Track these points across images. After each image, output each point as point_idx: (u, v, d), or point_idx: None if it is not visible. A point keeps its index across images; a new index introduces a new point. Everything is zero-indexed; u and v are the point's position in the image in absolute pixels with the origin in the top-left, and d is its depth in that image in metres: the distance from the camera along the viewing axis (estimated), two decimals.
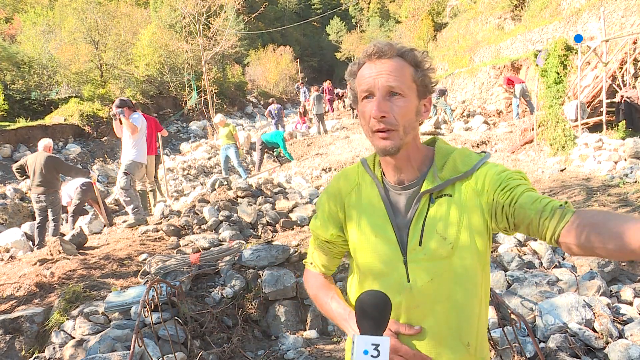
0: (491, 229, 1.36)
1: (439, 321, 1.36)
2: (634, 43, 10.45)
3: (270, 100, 20.13)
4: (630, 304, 4.21)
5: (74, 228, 7.88)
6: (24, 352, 4.16)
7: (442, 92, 16.23)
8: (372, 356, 1.14)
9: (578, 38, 9.93)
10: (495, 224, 1.32)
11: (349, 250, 1.54)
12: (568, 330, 3.61)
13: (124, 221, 7.69)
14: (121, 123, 7.07)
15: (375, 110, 1.29)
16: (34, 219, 8.93)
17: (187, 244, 5.76)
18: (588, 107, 10.42)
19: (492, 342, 3.52)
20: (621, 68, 10.46)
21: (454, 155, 1.39)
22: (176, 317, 3.96)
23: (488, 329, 3.52)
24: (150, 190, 9.01)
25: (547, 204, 1.19)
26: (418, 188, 1.38)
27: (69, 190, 8.38)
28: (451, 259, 1.33)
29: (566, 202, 1.18)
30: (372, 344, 1.15)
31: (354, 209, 1.46)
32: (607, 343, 3.46)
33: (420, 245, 1.34)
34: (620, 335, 3.56)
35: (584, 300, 3.85)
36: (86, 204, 8.90)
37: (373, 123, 1.31)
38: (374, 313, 1.18)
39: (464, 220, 1.33)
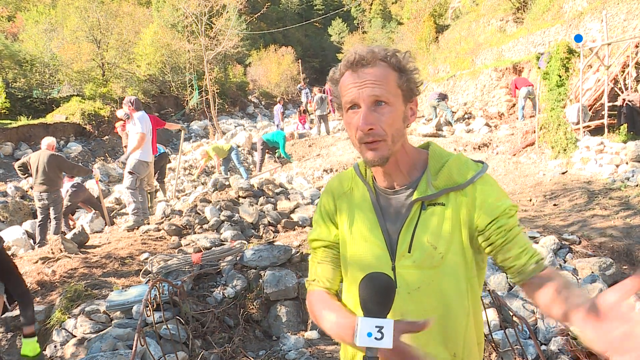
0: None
1: (426, 330, 1.33)
2: (636, 46, 10.45)
3: (278, 100, 20.23)
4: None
5: (71, 228, 7.89)
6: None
7: (443, 97, 16.23)
8: (375, 338, 1.13)
9: (578, 38, 9.94)
10: (476, 243, 1.34)
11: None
12: (569, 333, 3.60)
13: (126, 221, 7.69)
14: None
15: (362, 123, 1.25)
16: (34, 217, 8.94)
17: (189, 244, 5.77)
18: (590, 110, 10.42)
19: (493, 344, 3.52)
20: (623, 71, 10.47)
21: (449, 163, 1.35)
22: (178, 317, 3.97)
23: (490, 331, 3.53)
24: (149, 192, 8.94)
25: (526, 263, 1.28)
26: (410, 193, 1.36)
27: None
28: (440, 268, 1.32)
29: (542, 259, 1.29)
30: (376, 326, 1.14)
31: (345, 213, 1.45)
32: None
33: (409, 252, 1.32)
34: None
35: None
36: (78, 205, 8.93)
37: (360, 135, 1.27)
38: (378, 295, 1.16)
39: (456, 231, 1.32)
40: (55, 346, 3.91)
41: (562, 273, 1.14)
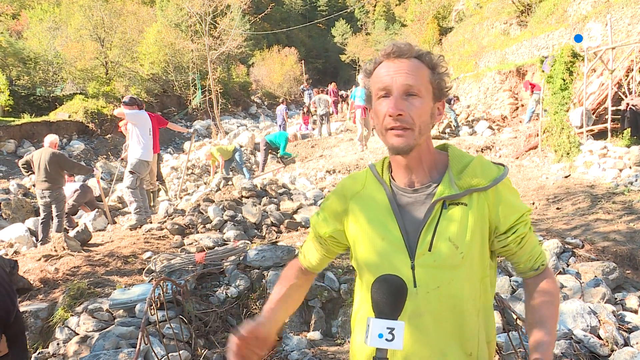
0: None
1: (443, 330, 1.35)
2: None
3: (281, 101, 20.24)
4: (636, 312, 4.20)
5: (75, 226, 7.90)
6: (27, 347, 4.17)
7: (449, 100, 16.14)
8: (386, 340, 1.15)
9: (578, 38, 9.95)
10: (491, 244, 1.41)
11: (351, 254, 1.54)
12: (573, 336, 3.60)
13: (128, 219, 7.70)
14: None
15: (392, 108, 1.27)
16: (37, 214, 8.95)
17: (192, 243, 5.77)
18: (593, 114, 10.41)
19: (496, 347, 3.51)
20: (627, 75, 10.45)
21: (473, 165, 1.38)
22: (181, 316, 3.97)
23: None
24: (151, 192, 8.92)
25: (529, 268, 1.45)
26: (431, 192, 1.36)
27: (67, 192, 8.38)
28: (460, 268, 1.33)
29: (542, 264, 1.44)
30: (387, 328, 1.15)
31: (359, 211, 1.45)
32: (613, 351, 3.45)
33: (429, 250, 1.32)
34: (626, 343, 3.56)
35: (589, 307, 3.84)
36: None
37: (388, 121, 1.29)
38: (390, 297, 1.17)
39: (477, 232, 1.34)
40: (58, 344, 3.91)
41: (550, 283, 1.32)
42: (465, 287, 1.34)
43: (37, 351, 3.98)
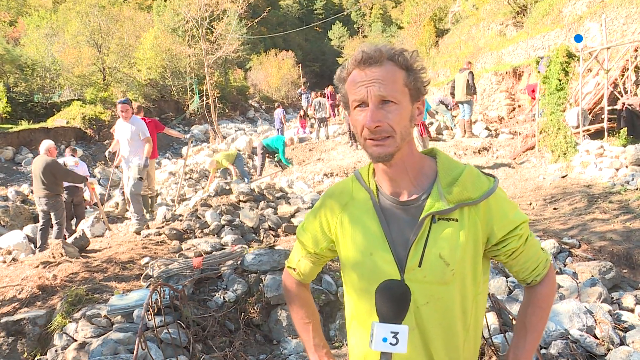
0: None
1: (432, 346, 1.33)
2: (635, 50, 10.48)
3: (277, 105, 20.28)
4: (632, 311, 4.22)
5: (74, 231, 7.90)
6: (26, 354, 4.17)
7: (446, 104, 16.03)
8: (390, 344, 1.16)
9: (578, 38, 9.97)
10: (485, 254, 1.41)
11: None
12: (569, 336, 3.61)
13: (127, 225, 7.70)
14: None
15: (369, 120, 1.25)
16: (35, 221, 8.96)
17: (189, 248, 5.78)
18: (589, 114, 10.44)
19: (493, 348, 3.52)
20: (622, 75, 10.49)
21: (464, 178, 1.33)
22: (179, 321, 3.97)
23: (490, 335, 3.54)
24: (150, 197, 8.92)
25: (522, 279, 1.47)
26: (420, 205, 1.34)
27: None
28: (451, 285, 1.31)
29: (534, 279, 1.45)
30: (392, 332, 1.16)
31: (347, 225, 1.42)
32: (609, 350, 3.46)
33: (419, 266, 1.30)
34: (622, 342, 3.57)
35: (585, 307, 3.86)
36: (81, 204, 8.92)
37: (367, 132, 1.27)
38: (394, 302, 1.18)
39: (469, 248, 1.31)
40: (56, 350, 3.91)
41: (545, 289, 1.34)
42: (455, 304, 1.32)
43: (36, 358, 3.99)
